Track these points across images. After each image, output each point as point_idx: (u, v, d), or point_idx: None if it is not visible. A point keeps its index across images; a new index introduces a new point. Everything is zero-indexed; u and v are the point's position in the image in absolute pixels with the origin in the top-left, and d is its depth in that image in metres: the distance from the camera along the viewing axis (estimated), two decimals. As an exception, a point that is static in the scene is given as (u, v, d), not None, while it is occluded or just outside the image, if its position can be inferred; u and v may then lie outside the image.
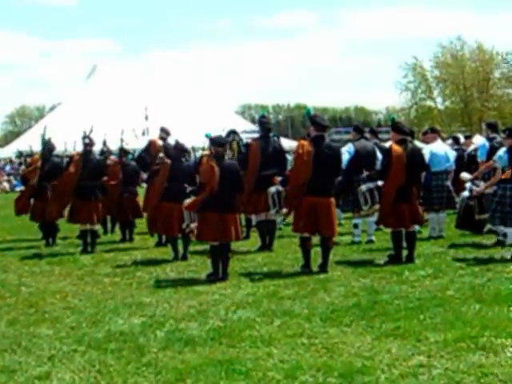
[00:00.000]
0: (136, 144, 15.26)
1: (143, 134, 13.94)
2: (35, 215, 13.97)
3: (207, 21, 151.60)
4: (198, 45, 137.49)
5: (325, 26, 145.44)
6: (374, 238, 12.54)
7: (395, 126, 10.73)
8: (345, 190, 12.22)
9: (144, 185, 14.83)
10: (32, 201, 14.07)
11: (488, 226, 11.55)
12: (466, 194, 11.49)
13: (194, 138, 23.44)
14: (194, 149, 18.70)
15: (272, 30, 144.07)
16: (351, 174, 12.05)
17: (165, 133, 14.32)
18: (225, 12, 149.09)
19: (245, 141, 13.84)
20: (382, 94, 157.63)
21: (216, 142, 9.86)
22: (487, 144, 12.19)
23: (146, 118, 13.96)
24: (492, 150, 11.47)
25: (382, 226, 11.61)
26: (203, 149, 17.95)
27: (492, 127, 12.76)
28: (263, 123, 12.53)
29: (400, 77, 57.16)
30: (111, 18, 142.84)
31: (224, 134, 12.49)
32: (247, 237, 13.08)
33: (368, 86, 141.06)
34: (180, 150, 11.61)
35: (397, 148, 10.32)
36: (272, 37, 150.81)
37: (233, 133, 13.72)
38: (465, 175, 11.76)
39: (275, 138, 12.56)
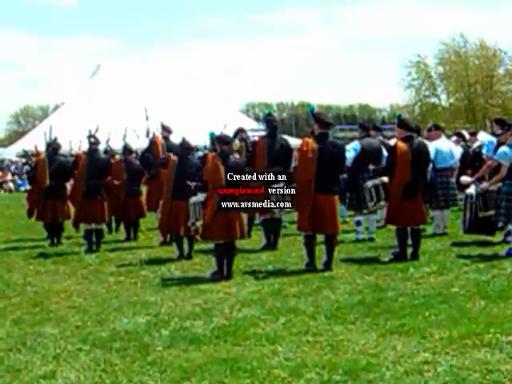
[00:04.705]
0: (138, 144, 15.24)
1: (147, 134, 13.87)
2: (44, 215, 13.82)
3: (207, 19, 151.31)
4: (200, 43, 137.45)
5: (327, 23, 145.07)
6: (374, 235, 12.52)
7: (402, 123, 10.63)
8: (350, 187, 12.21)
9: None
10: (41, 200, 13.91)
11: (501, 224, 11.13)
12: (469, 191, 11.24)
13: (198, 136, 23.44)
14: (197, 148, 18.61)
15: (274, 28, 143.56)
16: (356, 172, 12.04)
17: (166, 131, 14.28)
18: (225, 10, 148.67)
19: (251, 139, 13.76)
20: (386, 92, 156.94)
21: (221, 140, 9.83)
22: (495, 140, 12.09)
23: (147, 118, 13.94)
24: (499, 147, 11.33)
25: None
26: (205, 147, 17.82)
27: (500, 123, 12.54)
28: (269, 121, 12.38)
29: (404, 74, 57.10)
30: (112, 16, 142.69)
31: (225, 132, 12.39)
32: (248, 235, 13.02)
33: (372, 84, 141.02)
34: (186, 148, 11.59)
35: (402, 145, 10.26)
36: (274, 34, 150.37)
37: (240, 131, 13.64)
38: (465, 179, 11.55)
39: (282, 136, 12.45)
